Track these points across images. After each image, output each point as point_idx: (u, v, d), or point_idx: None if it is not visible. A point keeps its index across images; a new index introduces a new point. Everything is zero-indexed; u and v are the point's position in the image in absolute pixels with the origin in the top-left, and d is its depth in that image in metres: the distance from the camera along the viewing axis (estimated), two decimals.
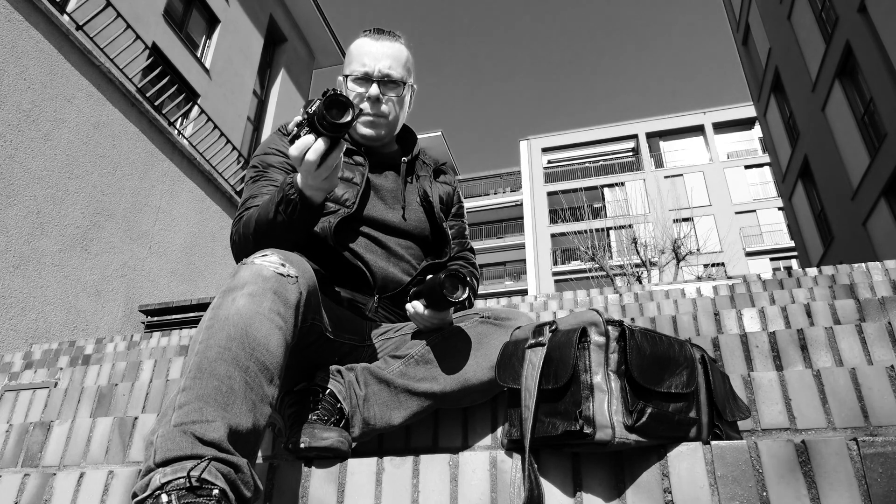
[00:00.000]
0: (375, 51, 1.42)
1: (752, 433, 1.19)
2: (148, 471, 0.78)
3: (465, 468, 0.97)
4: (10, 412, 2.10)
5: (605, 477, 0.90)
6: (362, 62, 1.41)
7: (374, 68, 1.40)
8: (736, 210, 28.46)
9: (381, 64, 1.41)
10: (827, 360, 1.52)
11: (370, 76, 1.41)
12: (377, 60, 1.41)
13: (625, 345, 0.90)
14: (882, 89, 10.34)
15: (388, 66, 1.41)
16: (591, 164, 32.49)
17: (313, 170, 1.09)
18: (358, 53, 1.43)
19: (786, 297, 2.65)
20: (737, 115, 30.64)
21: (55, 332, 5.05)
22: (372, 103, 1.41)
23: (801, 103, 14.60)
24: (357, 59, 1.43)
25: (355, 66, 1.42)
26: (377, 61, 1.41)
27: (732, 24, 19.84)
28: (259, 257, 1.00)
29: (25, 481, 1.16)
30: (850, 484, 0.79)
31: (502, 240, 35.40)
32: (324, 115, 1.04)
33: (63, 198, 5.31)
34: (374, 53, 1.42)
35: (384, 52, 1.42)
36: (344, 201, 1.36)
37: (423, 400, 1.17)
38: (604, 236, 19.99)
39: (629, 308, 2.81)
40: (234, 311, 0.91)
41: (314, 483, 1.01)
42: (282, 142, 1.43)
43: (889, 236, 10.84)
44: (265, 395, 0.88)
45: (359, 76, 1.41)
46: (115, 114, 6.05)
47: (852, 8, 11.03)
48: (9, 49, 4.93)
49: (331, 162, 1.10)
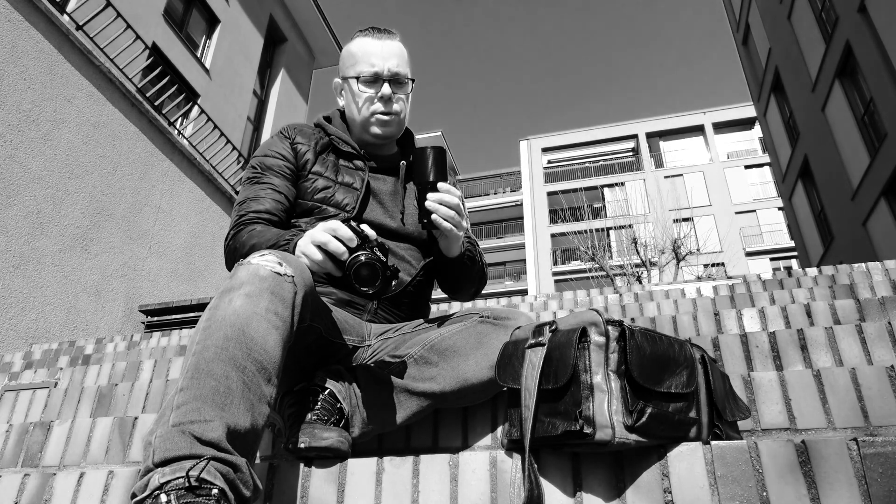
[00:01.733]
0: (381, 50, 1.42)
1: (752, 433, 1.19)
2: (147, 471, 0.78)
3: (465, 468, 0.97)
4: (10, 412, 2.10)
5: (605, 477, 0.90)
6: (370, 62, 1.41)
7: (383, 68, 1.40)
8: (736, 210, 28.46)
9: (389, 63, 1.41)
10: (827, 360, 1.52)
11: (380, 76, 1.40)
12: (385, 60, 1.41)
13: (625, 345, 0.90)
14: (882, 89, 10.34)
15: (396, 64, 1.41)
16: (591, 164, 32.50)
17: (315, 258, 1.07)
18: (363, 54, 1.42)
19: (786, 297, 2.65)
20: (737, 115, 30.65)
21: (55, 332, 5.05)
22: (385, 103, 1.41)
23: (801, 103, 14.60)
24: (364, 59, 1.42)
25: (363, 68, 1.41)
26: (385, 60, 1.41)
27: (732, 24, 19.84)
28: (257, 257, 1.00)
29: (25, 481, 1.16)
30: (850, 484, 0.79)
31: (502, 240, 35.41)
32: (359, 275, 1.02)
33: (63, 198, 5.31)
34: (381, 53, 1.41)
35: (390, 52, 1.42)
36: (344, 206, 1.36)
37: (423, 400, 1.17)
38: (604, 236, 20.00)
39: (629, 308, 2.81)
40: (231, 311, 0.91)
41: (314, 483, 1.01)
42: (282, 144, 1.43)
43: (889, 236, 10.84)
44: (263, 394, 0.88)
45: (369, 77, 1.41)
46: (115, 114, 6.05)
47: (852, 8, 11.03)
48: (9, 49, 4.93)
49: (325, 265, 1.07)
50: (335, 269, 1.05)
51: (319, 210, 1.36)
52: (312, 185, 1.38)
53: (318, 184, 1.38)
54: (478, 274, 1.42)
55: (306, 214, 1.37)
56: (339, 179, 1.40)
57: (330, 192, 1.37)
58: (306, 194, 1.38)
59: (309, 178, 1.39)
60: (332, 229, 1.05)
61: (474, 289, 1.45)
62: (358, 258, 1.02)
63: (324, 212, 1.36)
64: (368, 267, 1.02)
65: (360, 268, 1.02)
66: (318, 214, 1.36)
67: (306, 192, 1.38)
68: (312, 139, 1.44)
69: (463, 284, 1.41)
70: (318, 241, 1.05)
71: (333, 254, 1.04)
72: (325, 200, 1.36)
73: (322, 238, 1.05)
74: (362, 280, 1.02)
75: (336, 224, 1.05)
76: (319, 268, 1.06)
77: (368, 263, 1.02)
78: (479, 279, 1.44)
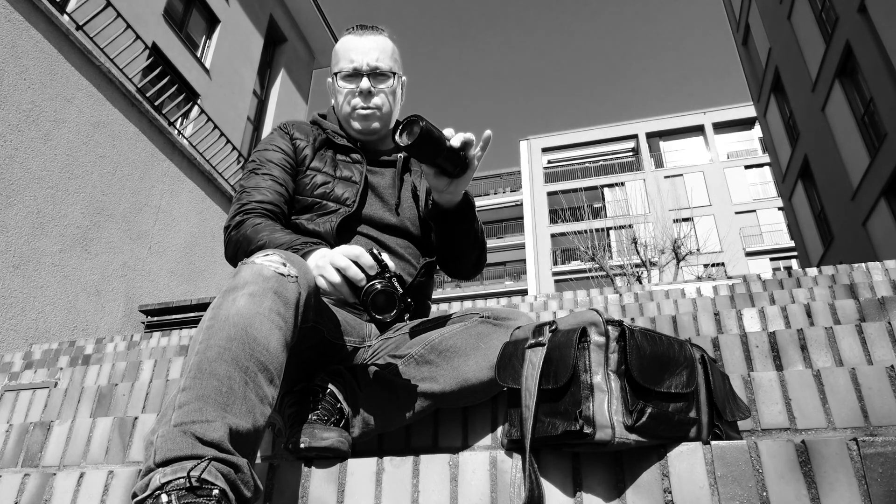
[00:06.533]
0: (361, 45, 1.43)
1: (752, 433, 1.19)
2: (148, 471, 0.78)
3: (465, 468, 0.97)
4: (10, 412, 2.10)
5: (605, 477, 0.90)
6: (350, 58, 1.42)
7: (362, 62, 1.41)
8: (736, 210, 28.46)
9: (368, 57, 1.41)
10: (827, 360, 1.52)
11: (359, 71, 1.41)
12: (364, 54, 1.42)
13: (625, 345, 0.90)
14: (882, 89, 10.34)
15: (376, 58, 1.42)
16: (591, 164, 32.50)
17: (334, 280, 1.05)
18: (344, 50, 1.44)
19: (786, 297, 2.65)
20: (737, 115, 30.64)
21: (55, 332, 5.05)
22: (364, 97, 1.41)
23: (801, 103, 14.60)
24: (344, 55, 1.43)
25: (343, 64, 1.43)
26: (364, 55, 1.41)
27: (732, 24, 19.83)
28: (261, 257, 1.00)
29: (25, 481, 1.16)
30: (850, 484, 0.79)
31: (502, 240, 35.40)
32: (376, 303, 1.02)
33: (63, 198, 5.31)
34: (361, 48, 1.42)
35: (370, 46, 1.43)
36: (344, 200, 1.36)
37: (423, 400, 1.17)
38: (604, 236, 20.00)
39: (629, 308, 2.81)
40: (235, 311, 0.91)
41: (314, 483, 1.01)
42: (282, 139, 1.43)
43: (889, 236, 10.84)
44: (265, 395, 0.88)
45: (348, 72, 1.42)
46: (115, 114, 6.05)
47: (852, 8, 11.03)
48: (9, 49, 4.93)
49: (341, 289, 1.06)
50: (350, 295, 1.04)
51: (320, 206, 1.36)
52: (311, 180, 1.38)
53: (318, 179, 1.38)
54: (479, 233, 1.41)
55: (306, 210, 1.37)
56: (337, 174, 1.40)
57: (329, 186, 1.38)
58: (305, 190, 1.38)
59: (308, 174, 1.39)
60: (354, 255, 1.04)
61: (476, 255, 1.43)
62: (374, 286, 1.02)
63: (324, 207, 1.36)
64: (386, 295, 1.02)
65: (378, 295, 1.02)
66: (318, 210, 1.36)
67: (305, 189, 1.38)
68: (310, 135, 1.45)
69: (464, 249, 1.40)
70: (339, 265, 1.03)
71: (352, 280, 1.03)
72: (325, 195, 1.37)
73: (342, 263, 1.03)
74: (378, 308, 1.02)
75: (359, 250, 1.04)
76: (335, 291, 1.05)
77: (386, 291, 1.02)
78: (480, 244, 1.43)
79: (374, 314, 1.02)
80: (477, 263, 1.46)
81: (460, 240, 1.38)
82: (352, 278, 1.03)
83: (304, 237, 1.20)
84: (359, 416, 1.17)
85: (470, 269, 1.46)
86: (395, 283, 1.04)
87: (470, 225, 1.37)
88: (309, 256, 1.11)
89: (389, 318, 1.02)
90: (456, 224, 1.35)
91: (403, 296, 1.04)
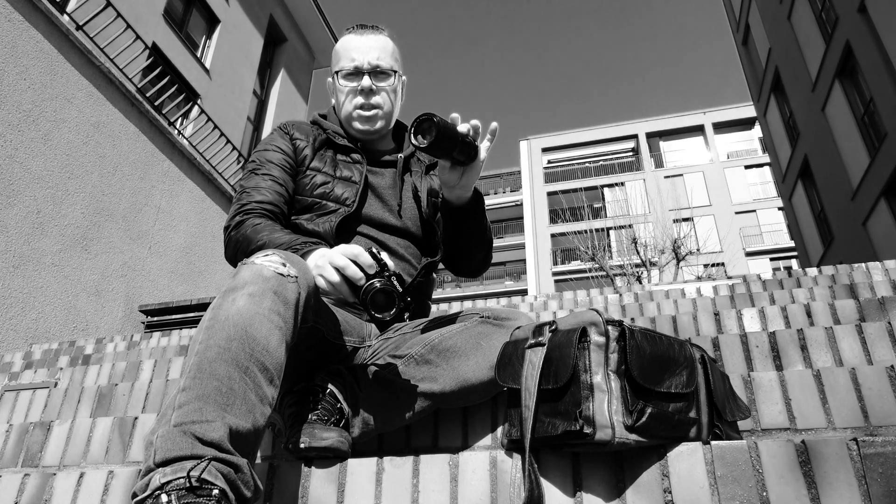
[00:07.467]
0: (362, 44, 1.43)
1: (752, 433, 1.19)
2: (148, 471, 0.78)
3: (465, 468, 0.97)
4: (10, 412, 2.10)
5: (605, 477, 0.90)
6: (350, 57, 1.42)
7: (363, 61, 1.41)
8: (736, 210, 28.47)
9: (369, 56, 1.42)
10: (827, 360, 1.52)
11: (360, 69, 1.42)
12: (365, 53, 1.42)
13: (625, 345, 0.90)
14: (882, 89, 10.34)
15: (377, 56, 1.42)
16: (591, 164, 32.50)
17: (333, 279, 1.05)
18: (345, 49, 1.44)
19: (786, 297, 2.65)
20: (737, 115, 30.65)
21: (55, 332, 5.05)
22: (365, 95, 1.41)
23: (801, 103, 14.60)
24: (345, 54, 1.43)
25: (344, 63, 1.43)
26: (365, 54, 1.42)
27: (732, 24, 19.84)
28: (261, 257, 1.00)
29: (25, 481, 1.16)
30: (850, 484, 0.79)
31: (502, 240, 35.41)
32: (375, 301, 1.02)
33: (63, 198, 5.31)
34: (361, 47, 1.43)
35: (371, 45, 1.43)
36: (344, 200, 1.36)
37: (423, 400, 1.17)
38: (604, 236, 20.00)
39: (629, 308, 2.81)
40: (234, 311, 0.91)
41: (314, 483, 1.01)
42: (282, 139, 1.43)
43: (889, 236, 10.84)
44: (265, 395, 0.88)
45: (349, 71, 1.42)
46: (115, 114, 6.05)
47: (852, 8, 11.04)
48: (9, 49, 4.93)
49: (340, 288, 1.06)
50: (349, 294, 1.04)
51: (319, 206, 1.36)
52: (311, 180, 1.38)
53: (317, 179, 1.38)
54: (488, 230, 1.41)
55: (306, 210, 1.37)
56: (337, 174, 1.40)
57: (329, 186, 1.38)
58: (305, 190, 1.38)
59: (307, 174, 1.39)
60: (352, 254, 1.04)
61: (483, 253, 1.43)
62: (374, 285, 1.02)
63: (324, 207, 1.36)
64: (385, 294, 1.02)
65: (377, 294, 1.02)
66: (317, 210, 1.36)
67: (305, 189, 1.38)
68: (310, 135, 1.45)
69: (473, 246, 1.40)
70: (337, 265, 1.03)
71: (351, 279, 1.03)
72: (325, 195, 1.37)
73: (341, 262, 1.03)
74: (378, 307, 1.02)
75: (357, 250, 1.04)
76: (334, 290, 1.05)
77: (385, 290, 1.02)
78: (489, 241, 1.43)
79: (374, 313, 1.02)
80: (484, 261, 1.46)
81: (469, 237, 1.38)
82: (351, 277, 1.03)
83: (303, 237, 1.20)
84: (359, 416, 1.17)
85: (477, 266, 1.46)
86: (394, 282, 1.04)
87: (480, 222, 1.37)
88: (308, 256, 1.10)
89: (389, 317, 1.02)
90: (466, 221, 1.35)
91: (403, 294, 1.04)
